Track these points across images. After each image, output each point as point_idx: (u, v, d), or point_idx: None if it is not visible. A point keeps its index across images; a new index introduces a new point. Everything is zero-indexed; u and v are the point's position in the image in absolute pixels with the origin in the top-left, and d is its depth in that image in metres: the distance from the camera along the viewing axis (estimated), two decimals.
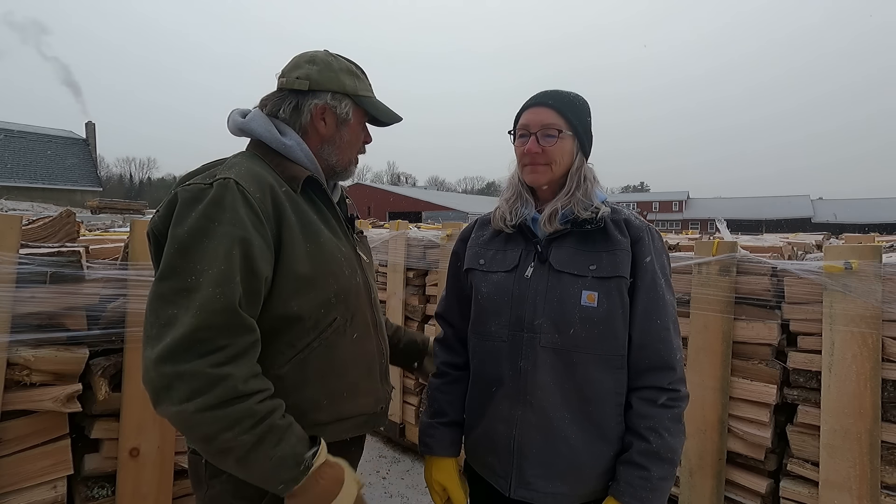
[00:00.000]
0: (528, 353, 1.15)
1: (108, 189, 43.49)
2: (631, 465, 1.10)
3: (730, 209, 48.20)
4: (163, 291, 0.92)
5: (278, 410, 0.96)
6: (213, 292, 0.91)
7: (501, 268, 1.23)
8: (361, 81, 1.24)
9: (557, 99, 1.21)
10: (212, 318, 0.90)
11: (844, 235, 4.73)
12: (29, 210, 9.83)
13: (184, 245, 0.93)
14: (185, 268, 0.92)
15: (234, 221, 0.95)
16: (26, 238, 1.79)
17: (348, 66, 1.23)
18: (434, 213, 35.74)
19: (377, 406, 1.22)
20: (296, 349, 1.05)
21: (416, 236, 3.44)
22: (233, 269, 0.93)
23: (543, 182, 1.21)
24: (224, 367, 0.90)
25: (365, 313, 1.19)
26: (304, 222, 1.08)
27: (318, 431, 1.07)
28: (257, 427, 0.91)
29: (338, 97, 1.18)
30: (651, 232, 1.20)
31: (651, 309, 1.14)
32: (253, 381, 0.94)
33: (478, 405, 1.26)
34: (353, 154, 1.26)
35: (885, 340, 1.77)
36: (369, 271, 1.28)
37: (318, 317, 1.07)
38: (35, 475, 1.61)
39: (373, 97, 1.25)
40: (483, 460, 1.26)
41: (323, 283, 1.08)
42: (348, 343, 1.13)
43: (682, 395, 1.14)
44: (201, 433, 0.90)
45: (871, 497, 1.76)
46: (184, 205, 0.96)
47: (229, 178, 0.99)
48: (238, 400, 0.90)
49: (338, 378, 1.11)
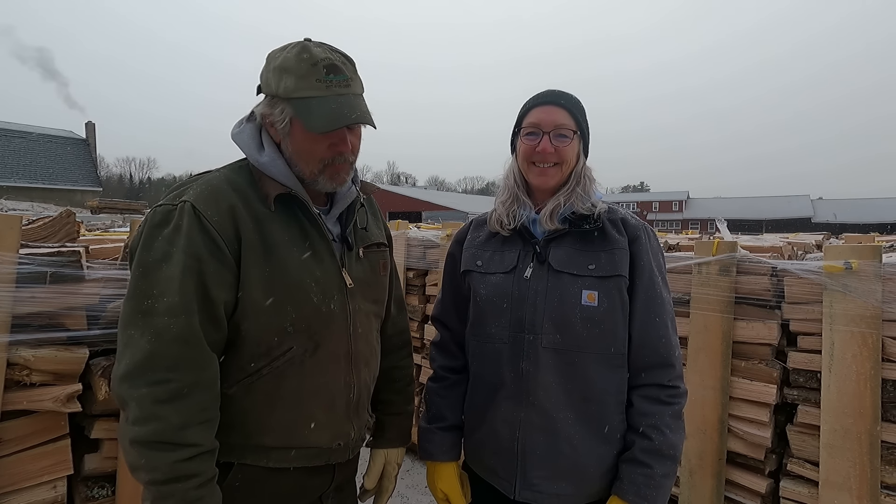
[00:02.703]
0: (530, 355, 1.15)
1: (108, 189, 43.46)
2: (634, 463, 1.11)
3: (730, 209, 48.18)
4: (126, 311, 0.96)
5: (196, 478, 0.93)
6: (167, 322, 0.93)
7: (500, 269, 1.22)
8: (300, 78, 1.00)
9: (567, 99, 1.21)
10: (164, 348, 0.93)
11: (844, 235, 4.73)
12: (29, 210, 9.81)
13: (146, 268, 0.95)
14: (144, 291, 0.94)
15: (187, 249, 0.95)
16: (26, 238, 1.78)
17: (285, 59, 1.02)
18: (434, 213, 35.72)
19: (333, 442, 1.14)
20: (245, 372, 1.04)
21: (416, 236, 3.44)
22: (188, 298, 0.94)
23: (553, 184, 1.20)
24: (163, 407, 0.91)
25: (335, 344, 1.10)
26: (268, 245, 1.02)
27: (261, 454, 1.07)
28: (165, 486, 0.91)
29: (273, 102, 1.05)
30: (647, 231, 1.20)
31: (650, 307, 1.14)
32: (189, 432, 0.93)
33: (478, 408, 1.25)
34: (314, 166, 1.07)
35: (885, 340, 1.77)
36: (358, 295, 1.15)
37: (271, 344, 1.04)
38: (35, 475, 1.61)
39: (312, 98, 1.01)
40: (485, 463, 1.25)
41: (278, 311, 1.02)
42: (307, 374, 1.07)
43: (682, 391, 1.15)
44: (129, 459, 0.95)
45: (871, 497, 1.76)
46: (150, 226, 0.98)
47: (187, 201, 0.98)
48: (164, 446, 0.91)
49: (288, 408, 1.07)
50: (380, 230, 1.30)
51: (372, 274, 1.22)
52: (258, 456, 1.07)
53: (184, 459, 0.92)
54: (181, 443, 0.92)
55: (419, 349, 3.40)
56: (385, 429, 1.36)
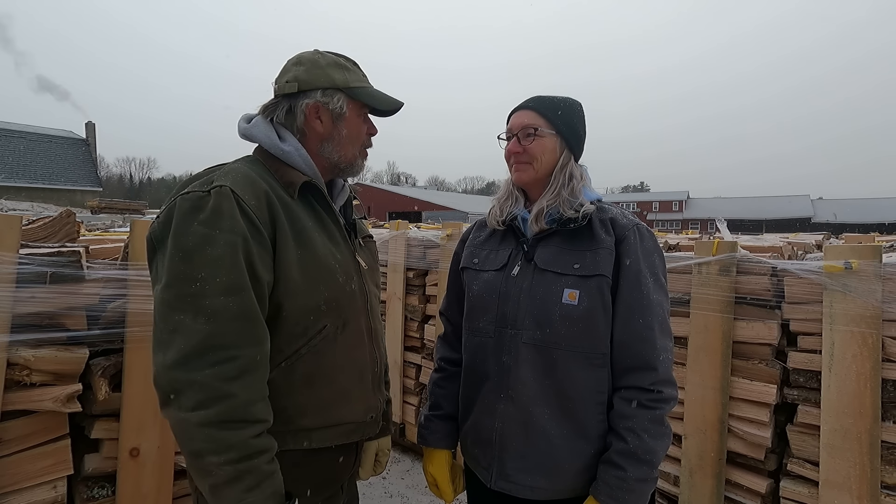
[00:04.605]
0: (511, 349, 1.19)
1: (108, 189, 43.47)
2: (609, 465, 1.12)
3: (730, 209, 48.21)
4: (169, 298, 0.94)
5: (268, 453, 0.96)
6: (224, 301, 0.93)
7: (492, 266, 1.27)
8: (352, 73, 1.20)
9: (538, 101, 1.27)
10: (224, 326, 0.93)
11: (844, 235, 4.72)
12: (29, 210, 9.82)
13: (188, 253, 0.94)
14: (190, 275, 0.94)
15: (233, 229, 0.97)
16: (26, 238, 1.79)
17: (335, 59, 1.19)
18: (434, 213, 35.73)
19: (366, 415, 1.21)
20: (284, 354, 1.06)
21: (416, 236, 3.44)
22: (241, 277, 0.96)
23: (527, 179, 1.26)
24: (232, 384, 0.92)
25: (359, 321, 1.18)
26: (297, 228, 1.08)
27: (302, 437, 1.09)
28: (242, 462, 0.92)
29: (329, 93, 1.16)
30: (639, 231, 1.19)
31: (634, 308, 1.14)
32: (256, 408, 0.95)
33: (468, 398, 1.30)
34: (357, 148, 1.23)
35: (885, 340, 1.77)
36: (369, 278, 1.25)
37: (308, 323, 1.07)
38: (35, 475, 1.61)
39: (367, 87, 1.22)
40: (469, 452, 1.30)
41: (313, 291, 1.07)
42: (339, 350, 1.13)
43: (665, 396, 1.13)
44: (194, 447, 0.92)
45: (871, 497, 1.76)
46: (184, 213, 0.98)
47: (225, 185, 1.00)
48: (236, 424, 0.92)
49: (326, 385, 1.11)
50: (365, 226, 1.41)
51: (373, 260, 1.34)
52: (298, 439, 1.09)
53: (256, 435, 0.94)
54: (252, 419, 0.94)
55: (419, 349, 3.40)
56: None
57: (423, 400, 3.34)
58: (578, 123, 1.27)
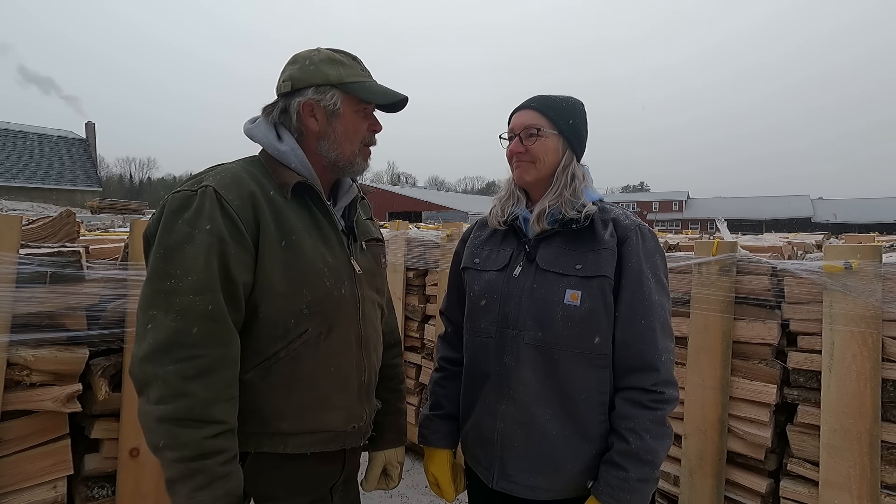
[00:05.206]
0: (513, 350, 1.19)
1: (108, 189, 43.46)
2: (610, 465, 1.12)
3: (730, 209, 48.21)
4: (147, 293, 0.97)
5: (223, 454, 0.96)
6: (192, 300, 0.95)
7: (493, 267, 1.27)
8: (348, 67, 1.16)
9: (540, 101, 1.26)
10: (190, 325, 0.94)
11: (844, 235, 4.72)
12: (29, 210, 9.82)
13: (168, 250, 0.97)
14: (167, 272, 0.96)
15: (211, 229, 0.98)
16: (26, 238, 1.79)
17: (330, 55, 1.16)
18: (434, 213, 35.72)
19: (348, 424, 1.17)
20: (262, 356, 1.06)
21: (415, 236, 3.44)
22: (212, 276, 0.96)
23: (529, 179, 1.25)
24: (191, 383, 0.93)
25: (347, 328, 1.15)
26: (284, 230, 1.07)
27: (278, 441, 1.08)
28: (194, 462, 0.92)
29: (322, 89, 1.13)
30: (641, 232, 1.19)
31: (635, 309, 1.14)
32: (216, 409, 0.95)
33: (469, 398, 1.30)
34: (356, 145, 1.19)
35: (885, 340, 1.77)
36: (365, 283, 1.21)
37: (288, 326, 1.07)
38: (35, 475, 1.61)
39: (364, 81, 1.17)
40: (470, 452, 1.30)
41: (295, 294, 1.06)
42: (321, 356, 1.11)
43: (667, 397, 1.13)
44: (153, 440, 0.94)
45: (871, 497, 1.76)
46: (171, 211, 1.00)
47: (209, 185, 1.01)
48: (193, 423, 0.93)
49: (305, 390, 1.10)
50: (376, 228, 1.38)
51: (375, 264, 1.29)
52: (275, 443, 1.08)
53: (212, 436, 0.94)
54: (209, 419, 0.94)
55: (419, 349, 3.40)
56: (383, 430, 1.38)
57: (423, 400, 3.33)
58: (580, 123, 1.26)
